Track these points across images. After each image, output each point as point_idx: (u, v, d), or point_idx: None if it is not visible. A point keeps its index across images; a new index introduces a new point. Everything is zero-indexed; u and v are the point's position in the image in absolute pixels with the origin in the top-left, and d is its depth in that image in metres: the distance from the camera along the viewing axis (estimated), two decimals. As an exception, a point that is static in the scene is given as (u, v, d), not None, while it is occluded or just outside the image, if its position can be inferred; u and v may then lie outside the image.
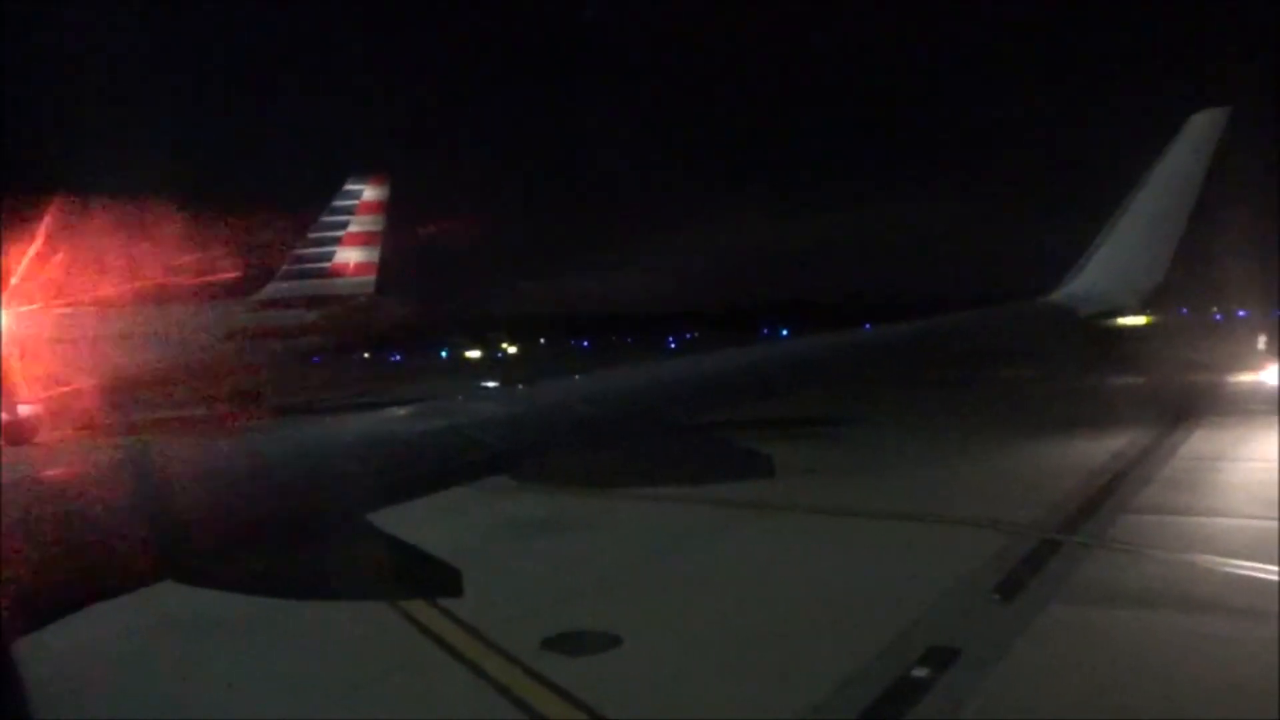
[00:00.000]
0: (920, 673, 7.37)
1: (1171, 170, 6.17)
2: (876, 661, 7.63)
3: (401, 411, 3.51)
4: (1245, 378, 26.95)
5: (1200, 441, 17.39)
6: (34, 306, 34.30)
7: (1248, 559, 9.75)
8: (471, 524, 12.60)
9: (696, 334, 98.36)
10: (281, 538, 2.28)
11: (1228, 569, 9.55)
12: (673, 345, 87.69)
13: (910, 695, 7.04)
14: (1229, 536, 10.96)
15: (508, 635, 8.30)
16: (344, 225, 36.93)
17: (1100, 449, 16.61)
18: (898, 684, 7.21)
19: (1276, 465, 14.46)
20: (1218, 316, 51.23)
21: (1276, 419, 18.60)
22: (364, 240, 37.05)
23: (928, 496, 13.76)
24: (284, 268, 37.14)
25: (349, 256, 36.85)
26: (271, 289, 36.86)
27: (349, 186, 37.32)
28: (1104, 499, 13.00)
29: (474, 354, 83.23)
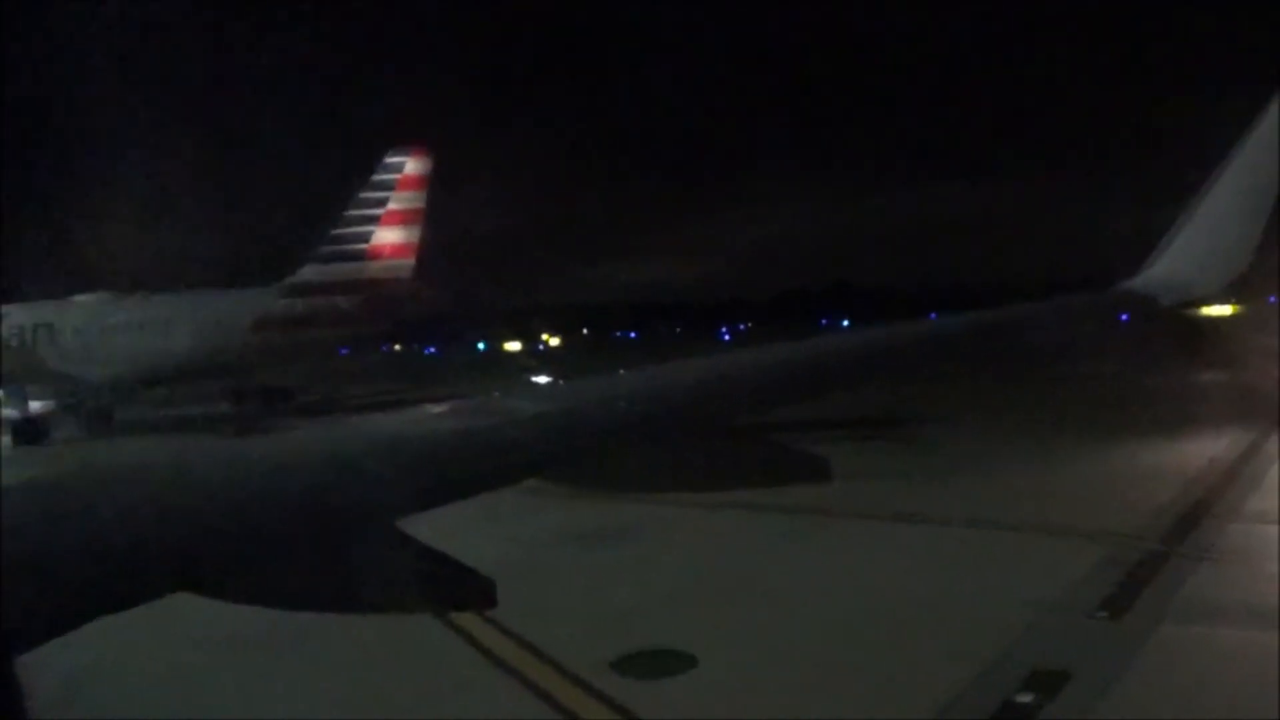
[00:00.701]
0: (1026, 698, 6.73)
1: (1257, 148, 5.75)
2: (976, 686, 7.00)
3: (433, 409, 3.37)
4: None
5: (1304, 443, 16.26)
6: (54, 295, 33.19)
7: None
8: (521, 533, 12.16)
9: (750, 324, 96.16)
10: (304, 546, 2.15)
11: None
12: (726, 337, 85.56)
13: (1016, 724, 6.43)
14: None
15: (573, 655, 7.80)
16: (383, 202, 33.79)
17: (1198, 451, 15.61)
18: (1002, 711, 6.58)
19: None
20: None
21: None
22: (404, 219, 33.90)
23: (1014, 503, 12.96)
24: (319, 249, 34.29)
25: (388, 237, 33.73)
26: (305, 273, 34.00)
27: (389, 160, 34.13)
28: (1208, 507, 12.10)
29: (514, 346, 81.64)
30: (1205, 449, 15.77)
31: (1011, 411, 23.21)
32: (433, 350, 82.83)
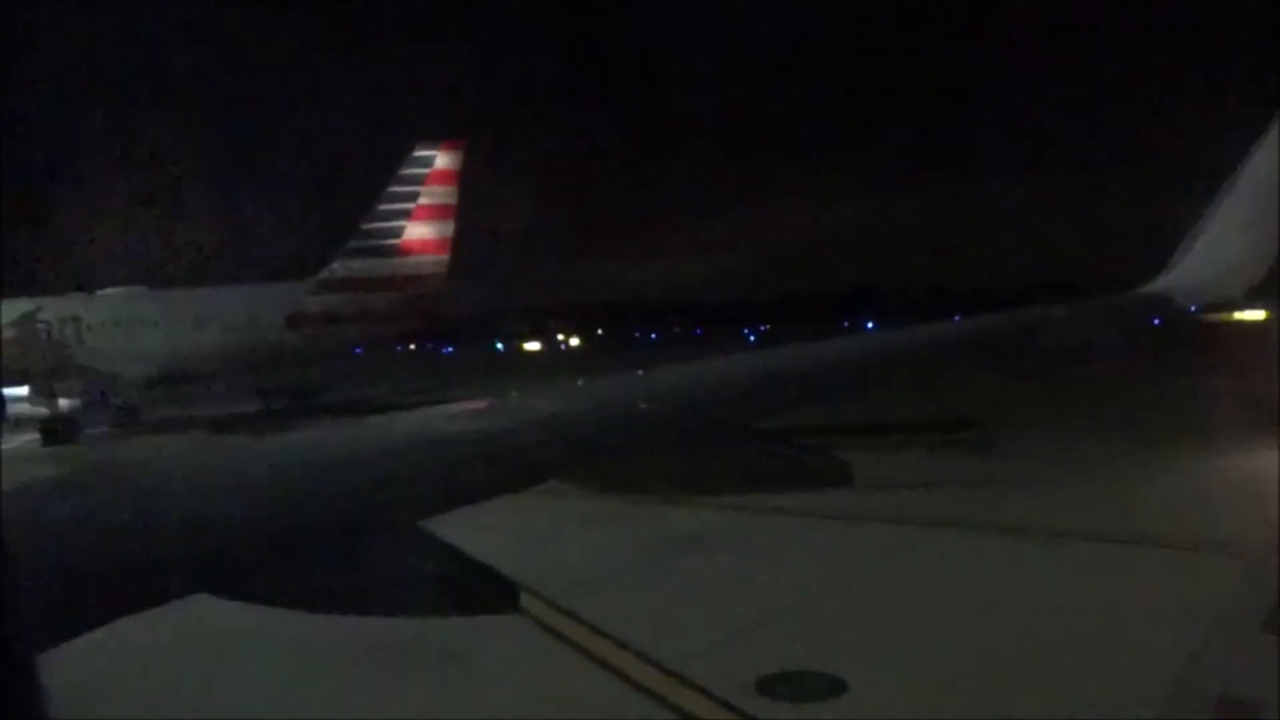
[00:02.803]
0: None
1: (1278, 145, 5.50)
2: (1166, 713, 6.41)
3: (455, 410, 3.43)
4: None
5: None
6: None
7: None
8: (590, 541, 11.63)
9: (772, 325, 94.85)
10: (325, 547, 2.13)
11: None
12: (750, 337, 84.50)
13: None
14: None
15: (711, 677, 7.23)
16: (414, 197, 32.81)
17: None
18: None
19: None
20: None
21: None
22: (435, 214, 32.92)
23: (1120, 515, 12.28)
24: (349, 244, 33.20)
25: (419, 232, 32.81)
26: (336, 268, 32.93)
27: (418, 153, 33.13)
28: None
29: (533, 346, 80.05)
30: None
31: (1071, 417, 22.46)
32: (450, 350, 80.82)
